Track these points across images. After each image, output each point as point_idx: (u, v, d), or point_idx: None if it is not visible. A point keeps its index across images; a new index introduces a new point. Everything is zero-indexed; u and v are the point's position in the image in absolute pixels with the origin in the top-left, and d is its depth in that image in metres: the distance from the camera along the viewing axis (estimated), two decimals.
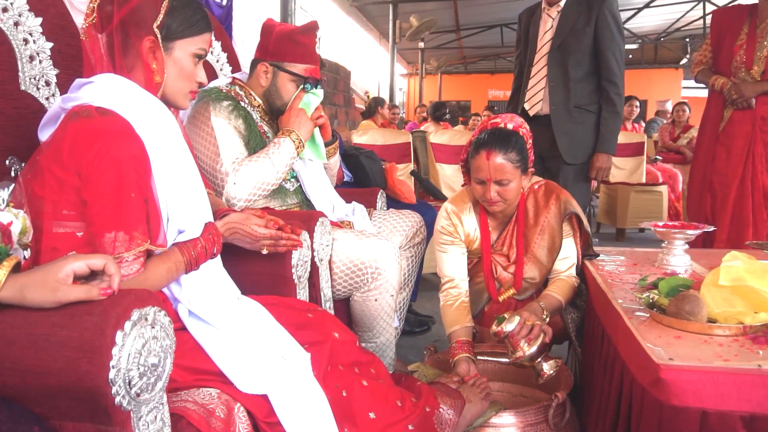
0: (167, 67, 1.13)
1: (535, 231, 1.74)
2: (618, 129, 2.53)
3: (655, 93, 13.19)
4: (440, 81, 15.72)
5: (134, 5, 1.08)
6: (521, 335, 1.51)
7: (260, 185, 1.66)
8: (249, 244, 1.37)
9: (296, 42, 1.75)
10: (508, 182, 1.63)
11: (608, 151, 2.50)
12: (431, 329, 2.79)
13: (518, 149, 1.62)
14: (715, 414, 0.97)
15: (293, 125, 1.74)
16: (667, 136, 5.90)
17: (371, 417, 1.14)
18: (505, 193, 1.65)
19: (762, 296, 1.16)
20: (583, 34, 2.45)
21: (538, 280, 1.76)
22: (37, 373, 0.77)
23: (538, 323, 1.53)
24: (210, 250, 1.14)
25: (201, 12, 1.18)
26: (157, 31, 1.09)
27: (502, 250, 1.79)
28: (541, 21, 2.59)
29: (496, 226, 1.81)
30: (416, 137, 4.49)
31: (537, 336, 1.51)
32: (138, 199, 1.00)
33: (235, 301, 1.20)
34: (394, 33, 9.49)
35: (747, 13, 2.69)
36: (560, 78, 2.49)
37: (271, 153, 1.68)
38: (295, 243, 1.39)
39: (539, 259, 1.74)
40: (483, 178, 1.64)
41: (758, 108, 2.62)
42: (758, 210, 2.67)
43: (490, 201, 1.66)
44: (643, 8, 10.64)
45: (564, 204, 1.72)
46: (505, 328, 1.50)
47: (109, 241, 0.96)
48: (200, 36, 1.17)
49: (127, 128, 1.01)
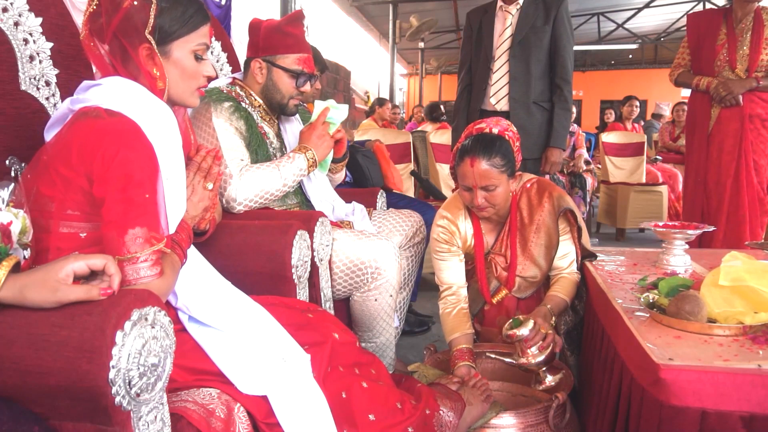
0: (168, 71, 1.12)
1: (531, 229, 1.74)
2: (569, 125, 2.64)
3: (655, 93, 13.20)
4: (440, 81, 15.72)
5: (123, 14, 1.05)
6: (534, 342, 1.51)
7: (262, 193, 1.66)
8: (202, 197, 1.26)
9: (285, 33, 1.76)
10: (495, 188, 1.63)
11: (561, 146, 2.60)
12: (431, 329, 2.79)
13: (503, 153, 1.62)
14: (714, 414, 0.97)
15: (312, 144, 1.74)
16: (667, 136, 5.90)
17: (371, 419, 1.14)
18: (493, 198, 1.65)
19: (762, 296, 1.16)
20: (542, 32, 2.54)
21: (539, 279, 1.76)
22: (37, 373, 0.77)
23: (551, 332, 1.53)
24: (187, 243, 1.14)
25: (193, 6, 1.14)
26: (150, 38, 1.07)
27: (501, 250, 1.79)
28: (496, 19, 2.64)
29: (492, 229, 1.82)
30: (416, 137, 4.50)
31: (548, 345, 1.51)
32: (151, 200, 0.99)
33: (234, 301, 1.20)
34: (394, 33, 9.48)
35: (722, 15, 2.76)
36: (522, 73, 2.56)
37: (282, 165, 1.69)
38: (210, 152, 1.28)
39: (537, 258, 1.74)
40: (469, 185, 1.64)
41: (745, 106, 2.66)
42: (753, 207, 2.69)
43: (479, 207, 1.67)
44: (643, 8, 10.65)
45: (557, 201, 1.73)
46: (518, 333, 1.49)
47: (131, 239, 0.95)
48: (196, 31, 1.14)
49: (136, 130, 1.00)
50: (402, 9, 9.63)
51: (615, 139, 5.39)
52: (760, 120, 2.67)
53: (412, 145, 4.21)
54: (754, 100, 2.65)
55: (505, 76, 2.59)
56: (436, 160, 4.36)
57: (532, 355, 1.51)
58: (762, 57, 2.62)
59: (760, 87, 2.63)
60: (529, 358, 1.51)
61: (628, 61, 16.04)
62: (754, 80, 2.63)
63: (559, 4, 2.53)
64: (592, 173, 5.27)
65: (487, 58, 2.64)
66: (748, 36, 2.64)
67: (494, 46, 2.62)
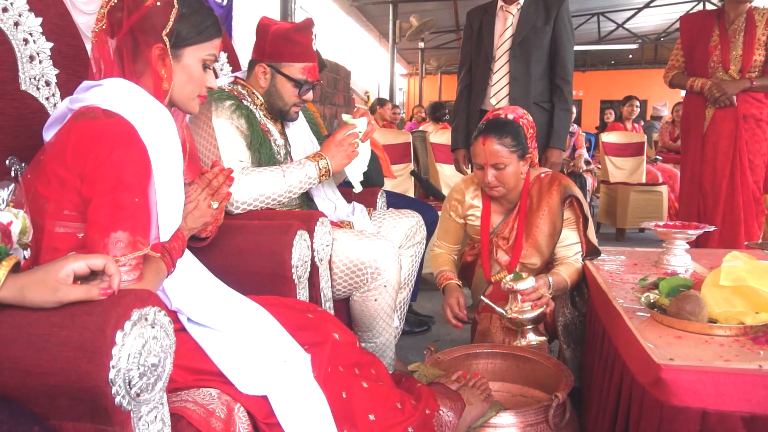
0: (176, 74, 1.13)
1: (538, 215, 1.81)
2: (569, 126, 2.64)
3: (655, 93, 13.19)
4: (440, 81, 15.72)
5: (144, 12, 1.07)
6: (530, 297, 1.61)
7: (262, 197, 1.65)
8: (204, 214, 1.26)
9: (293, 41, 1.75)
10: (504, 166, 1.74)
11: (561, 147, 2.60)
12: (431, 329, 2.79)
13: (513, 135, 1.73)
14: (715, 414, 0.97)
15: (329, 152, 1.73)
16: (667, 136, 5.90)
17: (371, 419, 1.14)
18: (502, 177, 1.75)
19: (763, 296, 1.16)
20: (543, 32, 2.54)
21: (539, 266, 1.82)
22: (37, 374, 0.77)
23: (547, 295, 1.63)
24: (178, 253, 1.13)
25: (211, 18, 1.17)
26: (166, 39, 1.09)
27: (504, 233, 1.87)
28: (497, 18, 2.64)
29: (501, 211, 1.91)
30: (416, 137, 4.50)
31: (541, 305, 1.60)
32: (141, 204, 0.99)
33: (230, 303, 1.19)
34: (394, 33, 9.48)
35: (715, 16, 2.77)
36: (522, 74, 2.56)
37: (289, 170, 1.67)
38: (223, 171, 1.28)
39: (540, 244, 1.80)
40: (480, 163, 1.77)
41: (739, 106, 2.67)
42: (748, 207, 2.71)
43: (489, 185, 1.77)
44: (643, 8, 10.64)
45: (564, 188, 1.79)
46: (516, 286, 1.60)
47: (113, 243, 0.95)
48: (210, 42, 1.17)
49: (132, 132, 1.00)
50: (402, 9, 9.63)
51: (615, 139, 5.39)
52: (754, 120, 2.68)
53: (412, 145, 4.21)
54: (747, 100, 2.66)
55: (506, 76, 2.59)
56: (436, 160, 4.36)
57: (523, 311, 1.59)
58: (755, 57, 2.63)
59: (754, 87, 2.64)
60: (520, 311, 1.60)
61: (628, 61, 16.05)
62: (747, 81, 2.63)
63: (560, 4, 2.54)
64: (592, 173, 5.27)
65: (488, 58, 2.64)
66: (741, 37, 2.65)
67: (494, 47, 2.62)
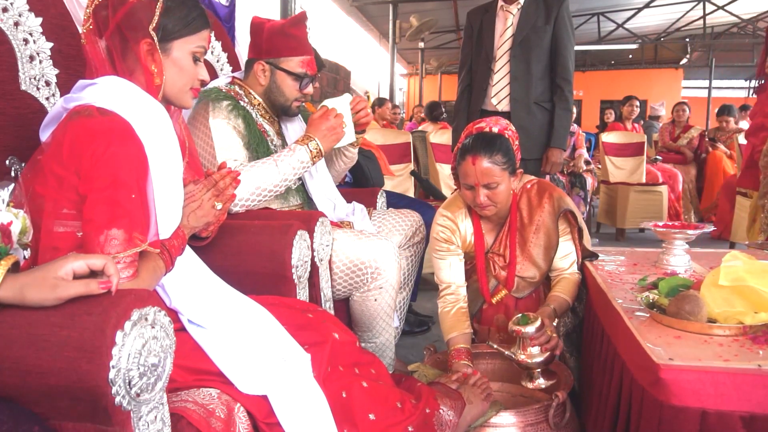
0: (166, 69, 1.13)
1: (531, 230, 1.74)
2: (569, 125, 2.64)
3: (655, 93, 13.19)
4: (440, 81, 15.71)
5: (129, 9, 1.08)
6: (538, 342, 1.51)
7: (259, 191, 1.64)
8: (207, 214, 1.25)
9: (288, 35, 1.75)
10: (497, 185, 1.64)
11: (561, 147, 2.60)
12: (431, 329, 2.78)
13: (503, 151, 1.63)
14: (714, 414, 0.97)
15: (319, 133, 1.71)
16: (667, 136, 5.90)
17: (371, 418, 1.14)
18: (495, 196, 1.65)
19: (762, 296, 1.16)
20: (543, 32, 2.54)
21: (537, 279, 1.76)
22: (38, 373, 0.77)
23: (555, 336, 1.53)
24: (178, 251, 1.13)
25: (197, 10, 1.17)
26: (153, 34, 1.09)
27: (500, 250, 1.80)
28: (497, 18, 2.64)
29: (492, 229, 1.82)
30: (416, 137, 4.50)
31: (550, 348, 1.52)
32: (138, 200, 0.99)
33: (230, 302, 1.19)
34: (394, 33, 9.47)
35: None
36: (523, 73, 2.56)
37: (280, 159, 1.66)
38: (230, 173, 1.28)
39: (536, 258, 1.74)
40: (471, 183, 1.65)
41: None
42: None
43: (481, 205, 1.67)
44: (643, 8, 10.63)
45: (558, 201, 1.73)
46: (524, 330, 1.49)
47: (108, 240, 0.95)
48: (198, 34, 1.17)
49: (128, 129, 1.01)
50: (402, 9, 9.62)
51: (615, 139, 5.39)
52: None
53: (412, 145, 4.21)
54: None
55: (506, 76, 2.59)
56: (436, 160, 4.36)
57: (532, 355, 1.51)
58: None
59: None
60: (529, 356, 1.51)
61: (628, 61, 16.03)
62: None
63: (560, 4, 2.54)
64: (592, 173, 5.27)
65: (488, 58, 2.64)
66: None
67: (495, 46, 2.62)
